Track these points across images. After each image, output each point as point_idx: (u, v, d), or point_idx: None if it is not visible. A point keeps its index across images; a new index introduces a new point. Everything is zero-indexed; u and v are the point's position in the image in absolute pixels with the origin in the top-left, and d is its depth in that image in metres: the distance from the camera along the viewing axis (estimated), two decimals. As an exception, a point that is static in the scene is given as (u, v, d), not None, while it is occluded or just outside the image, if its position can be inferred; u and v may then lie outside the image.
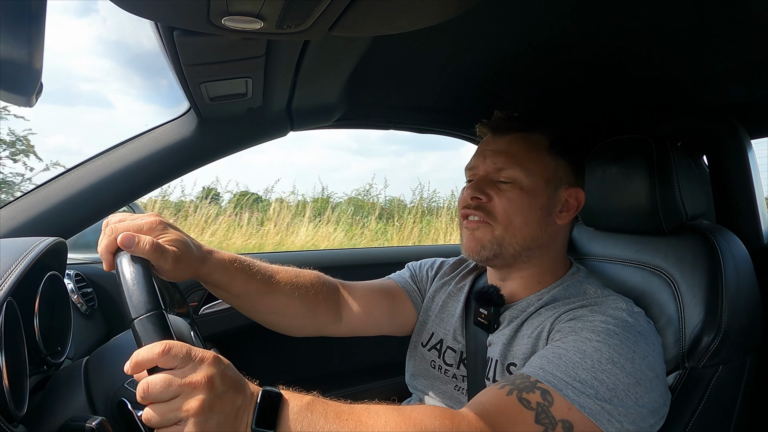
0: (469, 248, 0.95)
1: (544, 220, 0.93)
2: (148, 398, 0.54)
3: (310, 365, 1.78)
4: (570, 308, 0.85)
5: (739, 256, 0.95)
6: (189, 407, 0.53)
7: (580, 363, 0.72)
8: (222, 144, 1.24)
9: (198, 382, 0.54)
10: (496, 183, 0.93)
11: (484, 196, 0.92)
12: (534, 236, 0.93)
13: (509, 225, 0.91)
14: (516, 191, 0.91)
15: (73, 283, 1.23)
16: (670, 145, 0.99)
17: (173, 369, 0.55)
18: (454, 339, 1.01)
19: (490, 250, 0.92)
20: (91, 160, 1.15)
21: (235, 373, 0.59)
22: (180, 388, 0.54)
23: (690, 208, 0.99)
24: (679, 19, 0.90)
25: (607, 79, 1.22)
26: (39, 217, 1.08)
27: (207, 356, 0.57)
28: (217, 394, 0.55)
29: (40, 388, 0.84)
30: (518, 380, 0.73)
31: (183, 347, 0.56)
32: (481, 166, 0.96)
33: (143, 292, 0.61)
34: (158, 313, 0.59)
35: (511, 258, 0.93)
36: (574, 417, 0.68)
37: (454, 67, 1.20)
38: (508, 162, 0.93)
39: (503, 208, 0.91)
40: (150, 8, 0.66)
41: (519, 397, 0.69)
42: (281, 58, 0.90)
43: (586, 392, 0.69)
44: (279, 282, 0.94)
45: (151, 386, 0.54)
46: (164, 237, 0.73)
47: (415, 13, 0.71)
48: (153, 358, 0.55)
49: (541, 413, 0.67)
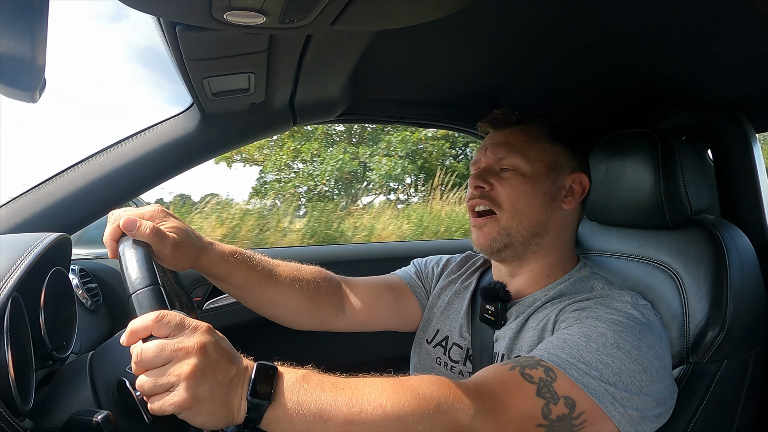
0: (480, 244, 0.96)
1: (549, 205, 0.94)
2: (141, 364, 0.55)
3: (314, 360, 1.77)
4: (575, 300, 0.86)
5: (744, 251, 0.95)
6: (181, 371, 0.54)
7: (584, 346, 0.72)
8: (225, 139, 1.24)
9: (190, 347, 0.55)
10: (498, 172, 0.95)
11: (486, 185, 0.94)
12: (540, 221, 0.93)
13: (514, 211, 0.92)
14: (518, 178, 0.93)
15: (78, 278, 1.24)
16: (674, 140, 0.99)
17: (167, 337, 0.55)
18: (461, 336, 1.01)
19: (500, 242, 0.93)
20: (96, 155, 1.16)
21: (228, 345, 0.60)
22: (172, 353, 0.54)
23: (694, 203, 0.99)
24: (684, 12, 0.89)
25: (612, 73, 1.21)
26: (44, 213, 1.08)
27: (201, 325, 0.57)
28: (209, 361, 0.55)
29: (45, 382, 0.84)
30: (522, 359, 0.73)
31: (177, 316, 0.56)
32: (483, 158, 0.98)
33: (141, 269, 0.63)
34: (155, 288, 0.61)
35: (521, 246, 0.94)
36: (577, 395, 0.68)
37: (458, 60, 1.19)
38: (508, 151, 0.94)
39: (507, 194, 0.92)
40: (152, 3, 0.66)
41: (521, 372, 0.69)
42: (284, 53, 0.90)
43: (591, 373, 0.69)
44: (280, 274, 0.95)
45: (144, 352, 0.55)
46: (165, 224, 0.77)
47: (417, 7, 0.71)
48: (147, 325, 0.55)
49: (543, 387, 0.67)
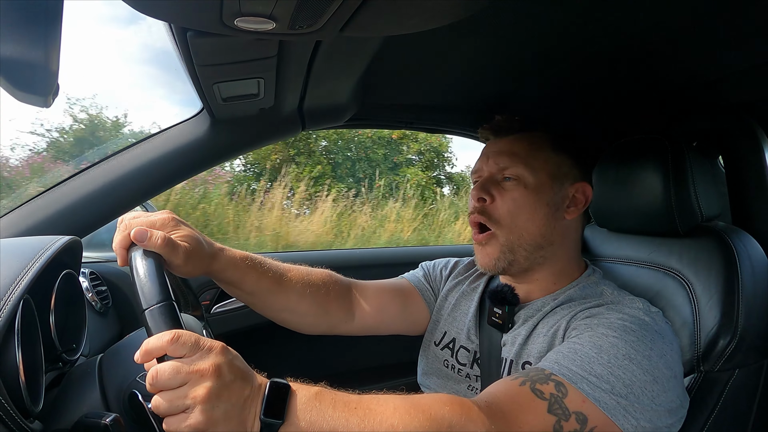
0: (483, 263, 0.95)
1: (552, 216, 0.93)
2: (156, 386, 0.55)
3: (322, 364, 1.79)
4: (587, 307, 0.85)
5: (756, 258, 0.94)
6: (196, 394, 0.54)
7: (596, 358, 0.71)
8: (234, 144, 1.24)
9: (206, 369, 0.55)
10: (500, 182, 0.94)
11: (488, 197, 0.93)
12: (543, 233, 0.92)
13: (514, 227, 0.91)
14: (520, 189, 0.92)
15: (88, 281, 1.25)
16: (685, 146, 0.98)
17: (182, 357, 0.56)
18: (468, 338, 1.00)
19: (503, 260, 0.93)
20: (106, 159, 1.17)
21: (242, 364, 0.60)
22: (188, 376, 0.55)
23: (705, 209, 0.97)
24: (695, 16, 0.89)
25: (621, 78, 1.20)
26: (54, 216, 1.09)
27: (215, 345, 0.57)
28: (224, 383, 0.56)
29: (55, 384, 0.85)
30: (532, 372, 0.72)
31: (191, 336, 0.57)
32: (485, 167, 0.97)
33: (154, 284, 0.62)
34: (168, 304, 0.60)
35: (526, 261, 0.93)
36: (589, 410, 0.67)
37: (467, 66, 1.19)
38: (512, 161, 0.93)
39: (507, 209, 0.92)
40: (164, 9, 0.67)
41: (532, 387, 0.69)
42: (293, 58, 0.90)
43: (602, 387, 0.68)
44: (290, 279, 0.95)
45: (159, 373, 0.55)
46: (176, 233, 0.76)
47: (426, 13, 0.71)
48: (162, 345, 0.56)
49: (554, 403, 0.67)
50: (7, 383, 0.65)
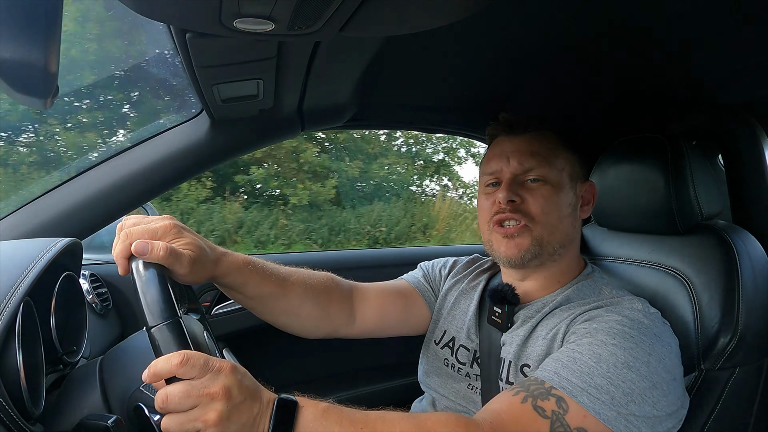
0: (510, 255, 0.91)
1: (573, 215, 0.93)
2: (167, 409, 0.56)
3: (323, 365, 1.78)
4: (585, 309, 0.84)
5: (756, 257, 0.94)
6: (207, 417, 0.55)
7: (595, 368, 0.71)
8: (234, 145, 1.24)
9: (216, 392, 0.55)
10: (523, 183, 0.92)
11: (517, 198, 0.91)
12: (568, 232, 0.93)
13: (547, 223, 0.90)
14: (547, 189, 0.91)
15: (89, 283, 1.25)
16: (685, 144, 0.98)
17: (191, 379, 0.56)
18: (468, 337, 1.00)
19: (531, 253, 0.90)
20: (106, 162, 1.17)
21: (251, 382, 0.60)
22: (198, 399, 0.55)
23: (705, 208, 0.97)
24: (694, 16, 0.89)
25: (621, 77, 1.20)
26: (55, 219, 1.09)
27: (224, 366, 0.58)
28: (234, 404, 0.56)
29: (56, 386, 0.85)
30: (533, 386, 0.72)
31: (200, 357, 0.57)
32: (505, 168, 0.94)
33: (160, 299, 0.61)
34: (175, 322, 0.60)
35: (548, 257, 0.92)
36: (590, 424, 0.67)
37: (466, 66, 1.19)
38: (537, 161, 0.92)
39: (540, 206, 0.90)
40: (163, 11, 0.67)
41: (534, 404, 0.69)
42: (292, 59, 0.91)
43: (602, 398, 0.69)
44: (292, 284, 0.94)
45: (170, 397, 0.55)
46: (179, 241, 0.73)
47: (425, 14, 0.71)
48: (171, 369, 0.56)
49: (556, 421, 0.67)
50: (8, 385, 0.65)
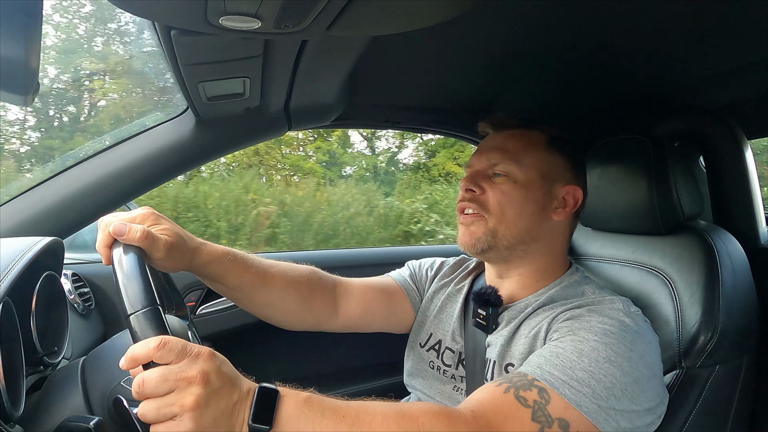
0: (464, 242, 0.95)
1: (539, 214, 0.94)
2: (143, 393, 0.54)
3: (309, 364, 1.78)
4: (567, 308, 0.85)
5: (736, 257, 0.96)
6: (184, 402, 0.53)
7: (577, 362, 0.72)
8: (219, 143, 1.23)
9: (193, 377, 0.54)
10: (490, 177, 0.95)
11: (477, 189, 0.94)
12: (528, 229, 0.93)
13: (502, 217, 0.92)
14: (510, 184, 0.92)
15: (70, 282, 1.23)
16: (667, 146, 0.99)
17: (169, 364, 0.55)
18: (453, 340, 1.01)
19: (484, 242, 0.93)
20: (88, 159, 1.15)
21: (230, 369, 0.59)
22: (175, 383, 0.54)
23: (687, 209, 0.99)
24: (676, 19, 0.90)
25: (605, 79, 1.22)
26: (36, 217, 1.07)
27: (202, 351, 0.57)
28: (212, 389, 0.55)
29: (36, 388, 0.83)
30: (516, 378, 0.73)
31: (178, 342, 0.56)
32: (476, 162, 0.98)
33: (139, 287, 0.61)
34: (154, 309, 0.59)
35: (506, 251, 0.94)
36: (571, 415, 0.68)
37: (453, 67, 1.20)
38: (503, 157, 0.94)
39: (497, 200, 0.92)
40: (148, 7, 0.66)
41: (516, 394, 0.69)
42: (279, 57, 0.90)
43: (583, 391, 0.69)
44: (273, 275, 0.95)
45: (146, 381, 0.54)
46: (156, 227, 0.76)
47: (413, 14, 0.71)
48: (148, 352, 0.55)
49: (537, 411, 0.68)
50: (-13, 387, 0.64)
